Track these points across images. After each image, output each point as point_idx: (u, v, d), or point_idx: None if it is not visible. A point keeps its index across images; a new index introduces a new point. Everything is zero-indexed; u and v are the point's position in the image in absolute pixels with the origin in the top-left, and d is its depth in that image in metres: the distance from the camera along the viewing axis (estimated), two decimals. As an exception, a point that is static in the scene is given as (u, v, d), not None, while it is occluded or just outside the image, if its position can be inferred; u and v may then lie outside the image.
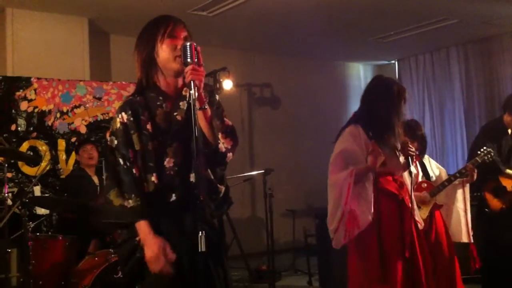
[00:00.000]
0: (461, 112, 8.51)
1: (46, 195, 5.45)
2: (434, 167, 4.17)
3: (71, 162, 5.73)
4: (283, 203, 7.16)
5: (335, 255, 4.76)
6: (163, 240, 2.07)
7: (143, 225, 2.08)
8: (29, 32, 6.17)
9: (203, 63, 2.10)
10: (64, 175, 5.50)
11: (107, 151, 2.21)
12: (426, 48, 8.75)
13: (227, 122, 2.28)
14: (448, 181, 3.95)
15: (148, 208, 2.10)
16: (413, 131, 4.02)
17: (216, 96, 2.33)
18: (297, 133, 8.72)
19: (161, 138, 2.16)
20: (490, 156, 3.98)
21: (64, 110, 5.81)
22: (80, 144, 5.37)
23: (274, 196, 5.71)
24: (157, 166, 2.14)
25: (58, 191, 5.51)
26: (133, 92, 2.28)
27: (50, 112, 5.72)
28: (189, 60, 2.05)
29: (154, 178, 2.14)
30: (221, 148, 2.17)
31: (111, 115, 5.99)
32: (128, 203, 2.10)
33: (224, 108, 2.32)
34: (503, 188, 4.44)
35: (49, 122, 5.71)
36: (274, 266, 5.67)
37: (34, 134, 5.62)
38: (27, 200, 4.31)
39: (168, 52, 2.18)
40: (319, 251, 5.70)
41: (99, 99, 6.03)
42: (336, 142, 3.29)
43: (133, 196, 2.10)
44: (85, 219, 4.74)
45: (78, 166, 5.45)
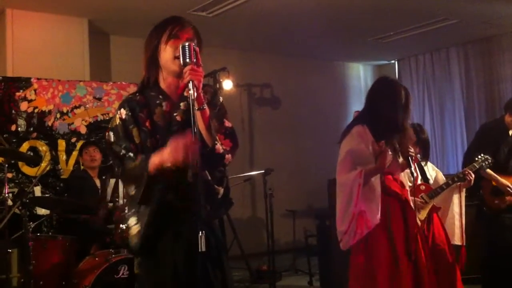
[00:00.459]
0: (461, 112, 8.51)
1: (47, 195, 5.44)
2: (431, 170, 4.19)
3: (71, 162, 5.73)
4: (284, 203, 7.16)
5: (336, 255, 4.78)
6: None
7: (153, 157, 2.07)
8: (29, 33, 6.17)
9: (203, 64, 2.10)
10: (65, 175, 5.51)
11: (107, 148, 2.24)
12: (426, 48, 8.75)
13: (227, 124, 2.27)
14: (446, 184, 3.99)
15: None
16: (417, 135, 4.05)
17: (220, 98, 2.32)
18: (297, 133, 8.72)
19: (159, 136, 2.16)
20: (488, 163, 4.01)
21: (64, 110, 5.81)
22: (83, 146, 5.39)
23: (274, 196, 5.71)
24: None
25: (59, 191, 5.51)
26: (135, 91, 2.30)
27: (50, 112, 5.72)
28: (187, 60, 2.05)
29: None
30: (218, 149, 2.16)
31: (111, 115, 5.99)
32: (136, 162, 2.12)
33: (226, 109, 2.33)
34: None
35: (49, 122, 5.71)
36: (274, 266, 5.67)
37: (34, 135, 5.62)
38: (28, 201, 4.31)
39: (169, 53, 2.18)
40: (319, 251, 5.70)
41: (99, 99, 6.03)
42: (341, 142, 3.30)
43: (139, 158, 2.12)
44: (85, 220, 4.76)
45: (79, 167, 5.46)
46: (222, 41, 7.42)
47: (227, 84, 7.01)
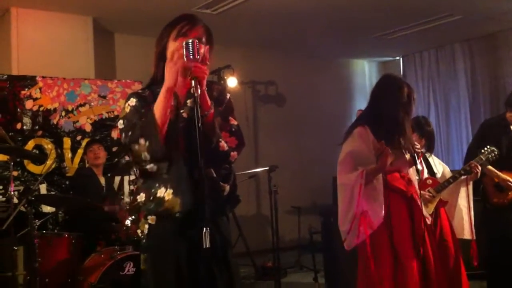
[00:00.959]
0: (466, 108, 8.48)
1: (52, 193, 5.47)
2: (437, 164, 4.19)
3: (77, 160, 5.75)
4: (288, 200, 7.16)
5: (341, 251, 4.75)
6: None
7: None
8: (34, 31, 6.19)
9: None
10: (70, 173, 5.52)
11: (120, 137, 2.19)
12: (430, 44, 8.72)
13: (232, 121, 2.28)
14: (453, 178, 3.98)
15: None
16: (422, 127, 4.06)
17: (227, 95, 2.33)
18: (301, 130, 8.71)
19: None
20: (494, 155, 3.99)
21: (69, 108, 5.83)
22: (87, 144, 5.40)
23: (279, 193, 5.71)
24: None
25: (64, 189, 5.53)
26: (143, 87, 2.31)
27: (55, 110, 5.74)
28: (191, 57, 2.05)
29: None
30: (222, 146, 2.16)
31: (116, 113, 6.01)
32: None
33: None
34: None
35: (54, 120, 5.73)
36: (279, 263, 5.67)
37: (40, 133, 5.64)
38: (33, 198, 4.33)
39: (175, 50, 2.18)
40: (324, 248, 5.70)
41: (104, 97, 6.04)
42: (343, 143, 3.30)
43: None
44: (90, 217, 4.77)
45: (84, 165, 5.48)
46: (226, 38, 7.41)
47: (232, 82, 7.02)
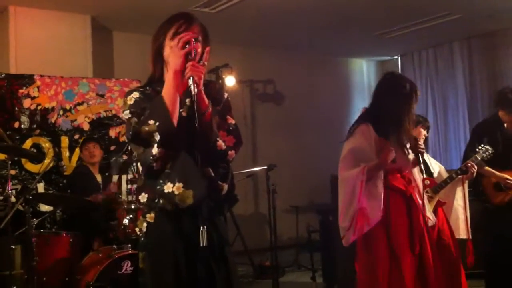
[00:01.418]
0: (464, 107, 8.49)
1: (50, 192, 5.46)
2: (433, 164, 4.20)
3: (74, 159, 5.74)
4: (286, 199, 7.16)
5: (339, 250, 4.78)
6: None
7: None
8: (31, 30, 6.18)
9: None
10: (68, 172, 5.51)
11: (126, 126, 2.17)
12: (429, 43, 8.72)
13: (230, 120, 2.27)
14: (450, 178, 4.00)
15: None
16: (424, 121, 4.14)
17: (225, 94, 2.32)
18: (300, 128, 8.71)
19: None
20: (488, 154, 4.00)
21: (67, 107, 5.82)
22: (83, 142, 5.39)
23: (277, 192, 5.71)
24: None
25: (62, 188, 5.52)
26: (143, 84, 2.29)
27: (53, 109, 5.73)
28: (188, 56, 2.05)
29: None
30: (220, 145, 2.16)
31: (114, 112, 6.00)
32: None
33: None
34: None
35: (52, 119, 5.72)
36: (277, 262, 5.67)
37: (37, 132, 5.63)
38: (31, 197, 4.32)
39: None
40: (322, 247, 5.70)
41: (102, 96, 6.03)
42: (346, 141, 3.30)
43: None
44: (88, 215, 4.77)
45: (81, 163, 5.47)
46: (224, 37, 7.40)
47: (230, 80, 7.00)
